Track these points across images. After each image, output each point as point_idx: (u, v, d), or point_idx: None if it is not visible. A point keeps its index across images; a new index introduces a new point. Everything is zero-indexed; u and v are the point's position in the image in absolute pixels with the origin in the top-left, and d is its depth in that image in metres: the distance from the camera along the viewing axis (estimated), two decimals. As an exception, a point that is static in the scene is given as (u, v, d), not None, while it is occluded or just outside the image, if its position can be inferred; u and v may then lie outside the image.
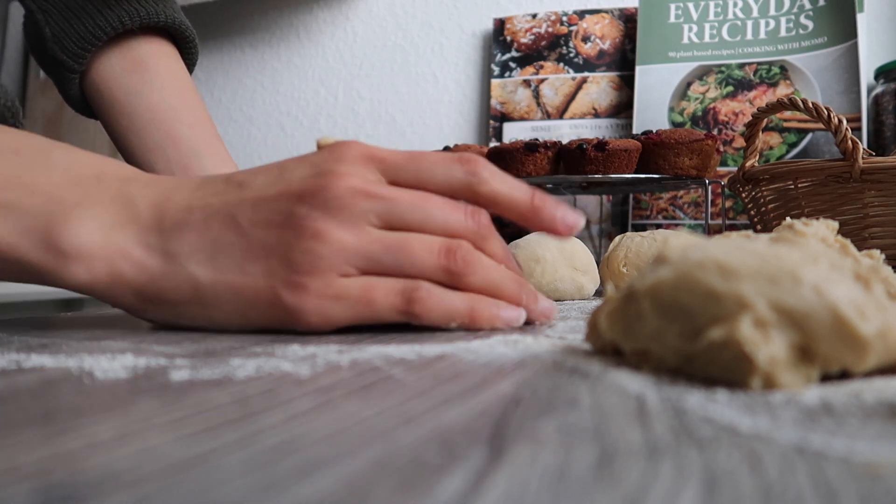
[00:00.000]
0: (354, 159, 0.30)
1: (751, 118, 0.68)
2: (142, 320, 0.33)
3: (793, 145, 0.92)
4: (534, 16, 1.10)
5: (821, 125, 0.75)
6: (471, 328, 0.31)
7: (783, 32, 0.95)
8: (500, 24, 1.12)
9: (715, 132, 0.95)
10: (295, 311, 0.29)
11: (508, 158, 0.70)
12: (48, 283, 0.30)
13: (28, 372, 0.21)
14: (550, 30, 1.09)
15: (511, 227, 1.07)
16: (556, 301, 0.53)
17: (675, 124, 0.97)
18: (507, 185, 0.32)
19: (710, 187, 0.71)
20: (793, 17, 0.95)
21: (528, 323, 0.34)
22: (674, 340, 0.20)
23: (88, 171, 0.31)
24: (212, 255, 0.29)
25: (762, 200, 0.66)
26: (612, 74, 1.05)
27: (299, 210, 0.29)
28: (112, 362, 0.22)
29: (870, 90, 0.92)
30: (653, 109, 0.98)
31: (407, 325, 0.32)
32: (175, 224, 0.30)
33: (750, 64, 0.96)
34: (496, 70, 1.11)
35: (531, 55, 1.09)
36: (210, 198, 0.31)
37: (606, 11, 1.07)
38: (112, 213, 0.30)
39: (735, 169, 0.94)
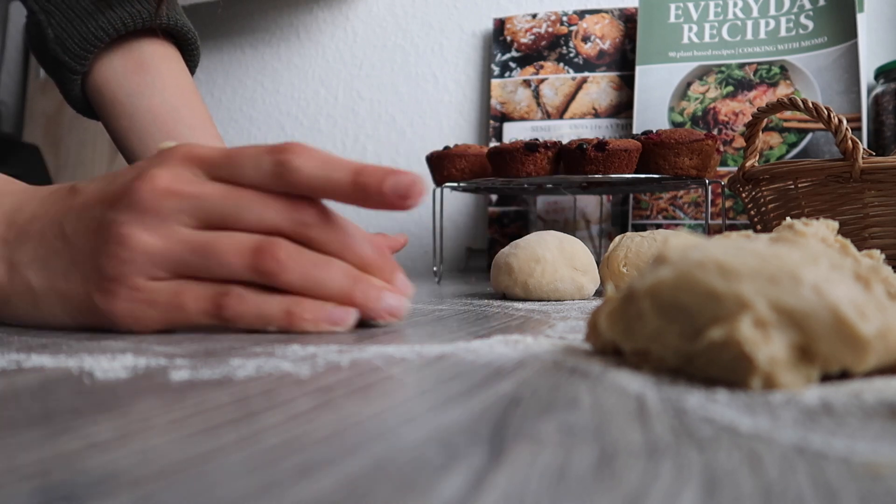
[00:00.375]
0: (173, 161, 0.30)
1: (751, 118, 0.68)
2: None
3: (793, 145, 0.92)
4: (534, 16, 1.10)
5: (821, 125, 0.75)
6: (292, 331, 0.30)
7: (783, 32, 0.95)
8: (500, 24, 1.12)
9: (715, 132, 0.95)
10: (108, 314, 0.29)
11: (508, 158, 0.70)
12: None
13: (28, 372, 0.21)
14: (550, 30, 1.09)
15: (511, 227, 1.07)
16: (557, 301, 0.53)
17: (675, 124, 0.97)
18: (325, 167, 0.29)
19: (710, 187, 0.71)
20: (793, 17, 0.95)
21: (373, 322, 0.32)
22: (674, 340, 0.20)
23: None
24: (44, 264, 0.30)
25: (762, 200, 0.66)
26: (612, 74, 1.05)
27: (108, 215, 0.29)
28: (112, 362, 0.22)
29: (870, 90, 0.92)
30: (653, 109, 0.98)
31: (405, 327, 0.32)
32: (18, 234, 0.31)
33: (750, 64, 0.96)
34: (496, 70, 1.11)
35: (531, 55, 1.09)
36: (50, 207, 0.31)
37: (606, 11, 1.07)
38: None
39: (735, 169, 0.94)
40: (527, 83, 1.09)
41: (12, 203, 0.32)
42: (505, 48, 1.11)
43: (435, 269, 0.79)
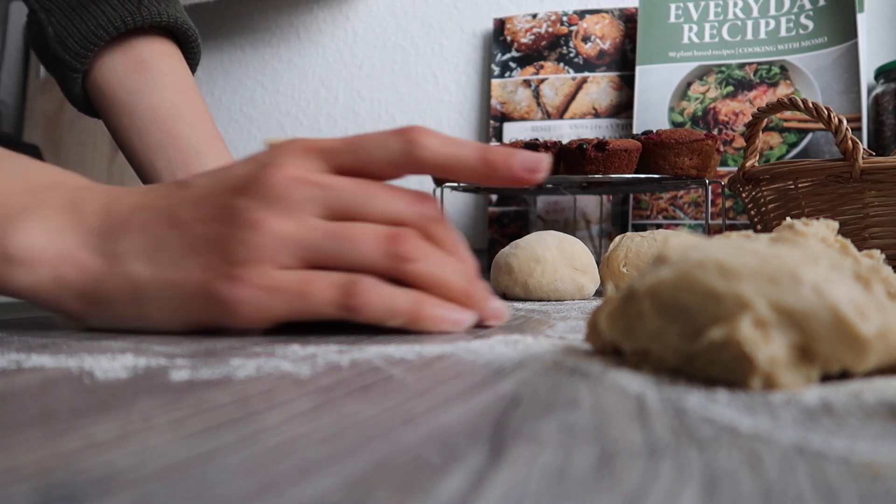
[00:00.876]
0: (295, 151, 0.30)
1: (751, 118, 0.68)
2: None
3: (793, 145, 0.92)
4: (534, 16, 1.10)
5: (821, 125, 0.75)
6: (413, 328, 0.30)
7: (783, 32, 0.95)
8: (501, 24, 1.12)
9: (715, 132, 0.95)
10: (229, 303, 0.28)
11: (508, 158, 0.70)
12: None
13: (28, 372, 0.21)
14: (550, 30, 1.09)
15: (511, 227, 1.07)
16: (557, 301, 0.53)
17: (675, 124, 0.97)
18: (451, 145, 0.30)
19: (710, 187, 0.71)
20: (793, 17, 0.95)
21: (478, 325, 0.32)
22: (674, 340, 0.20)
23: (42, 181, 0.32)
24: (151, 253, 0.29)
25: (762, 200, 0.66)
26: (613, 74, 1.05)
27: (237, 202, 0.29)
28: (112, 362, 0.22)
29: (870, 90, 0.92)
30: (653, 109, 0.98)
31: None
32: (117, 225, 0.30)
33: (750, 64, 0.96)
34: (496, 70, 1.11)
35: (531, 55, 1.09)
36: (154, 200, 0.31)
37: (606, 11, 1.07)
38: (59, 218, 0.30)
39: (735, 169, 0.94)
40: (527, 83, 1.09)
41: (106, 198, 0.31)
42: (505, 48, 1.11)
43: (435, 269, 0.79)
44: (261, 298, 0.28)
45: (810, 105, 0.58)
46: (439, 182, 0.77)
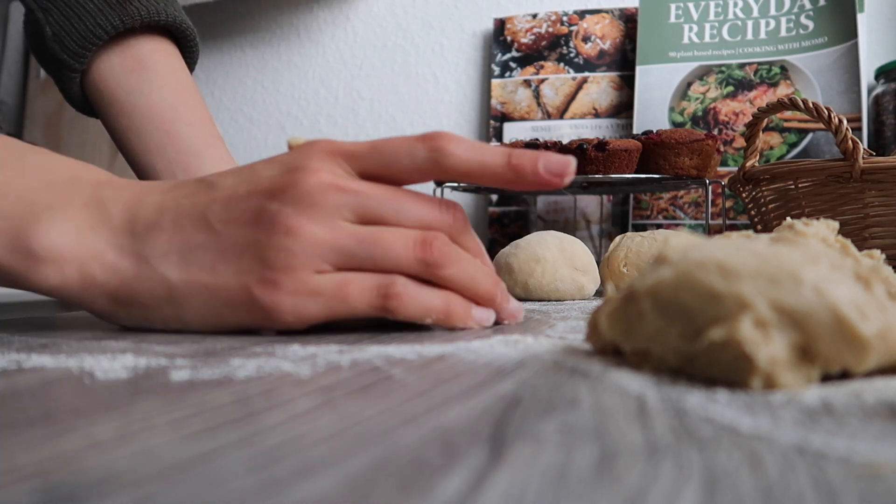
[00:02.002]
0: (322, 155, 0.30)
1: (751, 118, 0.68)
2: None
3: (793, 145, 0.92)
4: (534, 16, 1.10)
5: (821, 125, 0.75)
6: (445, 325, 0.31)
7: (783, 32, 0.95)
8: (501, 24, 1.12)
9: (715, 132, 0.95)
10: (269, 308, 0.29)
11: (509, 158, 0.70)
12: (17, 285, 0.30)
13: (28, 372, 0.21)
14: (551, 30, 1.09)
15: (511, 227, 1.07)
16: (557, 301, 0.53)
17: (675, 124, 0.97)
18: (477, 151, 0.31)
19: (710, 187, 0.71)
20: (793, 17, 0.95)
21: (497, 322, 0.34)
22: (674, 340, 0.20)
23: (62, 175, 0.31)
24: (183, 256, 0.29)
25: (762, 200, 0.66)
26: (613, 74, 1.05)
27: (271, 207, 0.29)
28: (112, 362, 0.22)
29: (870, 90, 0.92)
30: (653, 109, 0.98)
31: (406, 326, 0.32)
32: (147, 226, 0.30)
33: (750, 64, 0.96)
34: (496, 70, 1.11)
35: (531, 55, 1.09)
36: (181, 199, 0.30)
37: (607, 11, 1.07)
38: (84, 216, 0.30)
39: (735, 169, 0.94)
40: (527, 83, 1.09)
41: (130, 195, 0.31)
42: (505, 48, 1.11)
43: (435, 269, 0.79)
44: (300, 303, 0.29)
45: (810, 105, 0.58)
46: (440, 182, 0.77)
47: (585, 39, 1.07)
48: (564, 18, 1.08)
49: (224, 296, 0.29)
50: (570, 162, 0.31)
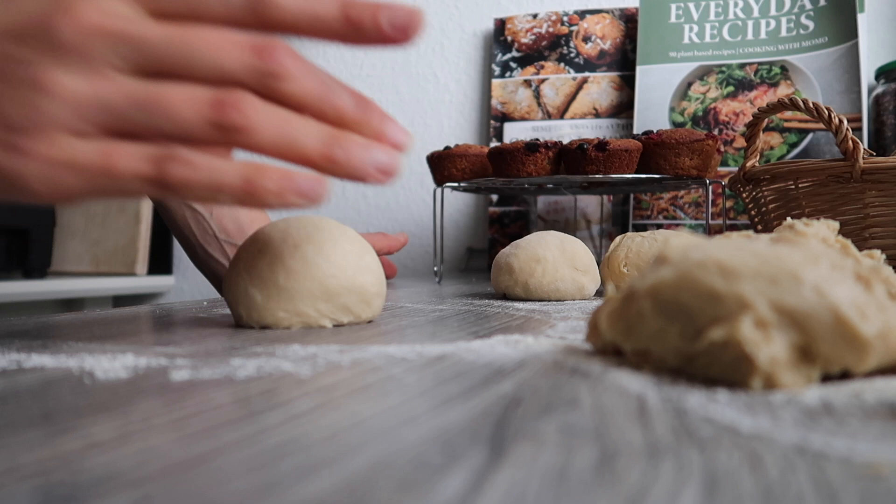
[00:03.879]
0: None
1: (751, 118, 0.68)
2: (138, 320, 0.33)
3: (793, 145, 0.92)
4: (534, 16, 1.10)
5: (821, 125, 0.75)
6: (249, 204, 0.25)
7: (784, 32, 0.95)
8: (501, 24, 1.12)
9: (716, 132, 0.95)
10: (14, 177, 0.24)
11: (509, 159, 0.70)
12: None
13: (28, 372, 0.21)
14: (551, 30, 1.09)
15: (512, 227, 1.06)
16: (557, 301, 0.53)
17: (675, 124, 0.97)
18: (307, 1, 0.25)
19: (710, 187, 0.71)
20: (793, 17, 0.95)
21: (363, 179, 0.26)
22: (674, 340, 0.20)
23: None
24: None
25: (763, 200, 0.66)
26: (613, 74, 1.05)
27: (17, 53, 0.23)
28: (112, 362, 0.22)
29: (870, 90, 0.92)
30: (653, 109, 0.98)
31: (406, 327, 0.32)
32: None
33: (751, 64, 0.96)
34: (497, 70, 1.11)
35: (532, 55, 1.09)
36: None
37: (607, 11, 1.07)
38: None
39: (736, 169, 0.94)
40: (527, 83, 1.09)
41: None
42: (506, 48, 1.11)
43: (435, 269, 0.79)
44: (53, 174, 0.24)
45: (811, 105, 0.58)
46: (439, 182, 0.77)
47: (586, 39, 1.07)
48: (565, 18, 1.08)
49: None
50: (416, 14, 0.25)
